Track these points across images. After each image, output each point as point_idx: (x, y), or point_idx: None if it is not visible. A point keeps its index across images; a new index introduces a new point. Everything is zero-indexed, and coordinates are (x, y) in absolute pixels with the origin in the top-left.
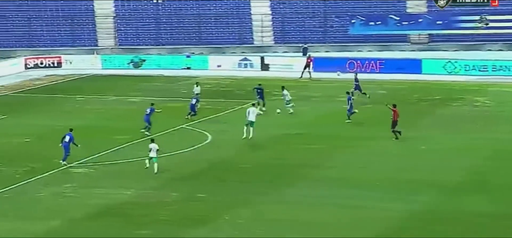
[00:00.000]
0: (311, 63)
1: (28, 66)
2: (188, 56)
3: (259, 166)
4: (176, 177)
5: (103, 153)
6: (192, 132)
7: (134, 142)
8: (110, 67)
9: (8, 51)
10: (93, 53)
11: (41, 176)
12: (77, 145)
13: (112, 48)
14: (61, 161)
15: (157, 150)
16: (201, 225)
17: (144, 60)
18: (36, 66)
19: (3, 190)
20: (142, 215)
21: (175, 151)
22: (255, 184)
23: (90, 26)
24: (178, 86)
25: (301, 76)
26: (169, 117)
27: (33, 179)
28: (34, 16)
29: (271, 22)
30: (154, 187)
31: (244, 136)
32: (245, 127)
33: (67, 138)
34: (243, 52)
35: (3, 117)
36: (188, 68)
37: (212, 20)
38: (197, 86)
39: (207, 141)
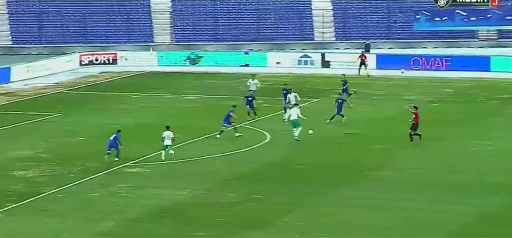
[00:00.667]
0: (365, 59)
1: (82, 62)
2: (246, 53)
3: (318, 166)
4: (233, 178)
5: (159, 152)
6: (250, 131)
7: (189, 141)
8: (166, 64)
9: (63, 47)
10: (149, 50)
11: (95, 175)
12: (121, 145)
13: (168, 45)
14: (105, 156)
15: (172, 138)
16: (259, 228)
17: (201, 57)
18: (91, 63)
19: (57, 189)
20: (198, 217)
21: (232, 151)
22: (314, 185)
23: (146, 22)
24: (236, 84)
25: (359, 74)
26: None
27: (87, 178)
28: (89, 11)
29: (332, 18)
30: (210, 188)
31: (297, 137)
32: (294, 129)
33: (112, 137)
34: (303, 49)
35: (57, 115)
36: (247, 65)
37: (272, 16)
38: (253, 79)
39: (265, 141)
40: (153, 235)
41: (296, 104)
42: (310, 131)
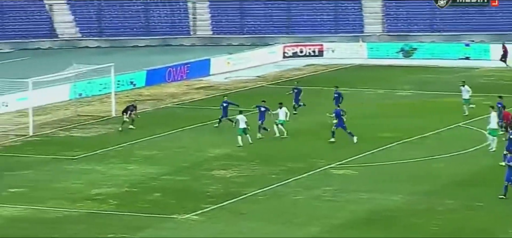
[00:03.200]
0: (505, 51)
1: (286, 54)
2: (467, 45)
3: None
4: (452, 182)
5: (367, 153)
6: (470, 132)
7: (404, 141)
8: (377, 56)
9: (266, 38)
10: (359, 41)
11: (299, 177)
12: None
13: (379, 35)
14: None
15: (246, 122)
16: None
17: (415, 49)
18: (295, 55)
19: (258, 191)
20: (410, 224)
21: (450, 153)
22: None
23: (356, 11)
24: (455, 79)
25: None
26: (443, 114)
27: (290, 180)
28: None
29: None
30: (426, 192)
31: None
32: (489, 137)
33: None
34: None
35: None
36: (467, 58)
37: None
38: (463, 86)
39: (486, 143)
40: None
41: (491, 107)
42: None
